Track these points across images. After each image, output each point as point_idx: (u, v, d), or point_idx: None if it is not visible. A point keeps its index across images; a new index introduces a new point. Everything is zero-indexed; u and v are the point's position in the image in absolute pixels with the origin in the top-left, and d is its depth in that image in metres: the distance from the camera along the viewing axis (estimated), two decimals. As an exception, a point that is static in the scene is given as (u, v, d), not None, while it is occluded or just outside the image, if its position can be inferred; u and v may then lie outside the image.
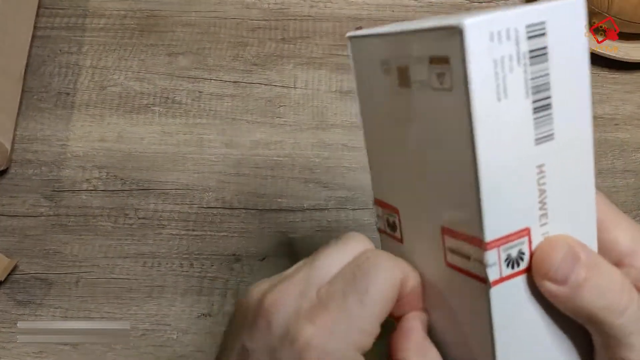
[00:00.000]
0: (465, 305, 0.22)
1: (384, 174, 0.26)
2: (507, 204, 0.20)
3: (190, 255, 0.46)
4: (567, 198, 0.21)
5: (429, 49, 0.20)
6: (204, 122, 0.51)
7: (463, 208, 0.20)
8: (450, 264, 0.22)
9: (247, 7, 0.57)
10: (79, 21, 0.56)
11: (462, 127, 0.19)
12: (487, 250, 0.20)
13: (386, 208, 0.26)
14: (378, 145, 0.25)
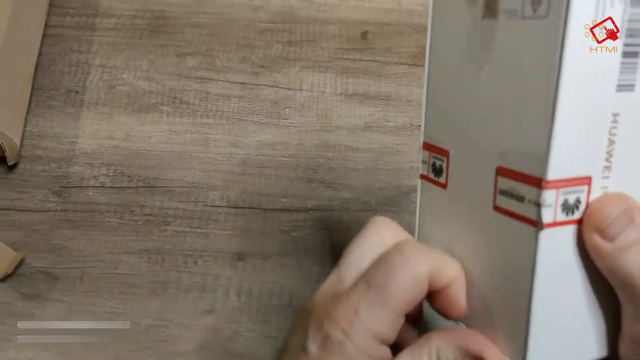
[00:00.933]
0: (510, 252, 0.21)
1: (440, 116, 0.25)
2: (577, 146, 0.19)
3: (194, 252, 0.47)
4: (633, 154, 0.21)
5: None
6: (210, 122, 0.52)
7: (530, 143, 0.20)
8: (499, 208, 0.22)
9: (255, 10, 0.58)
10: (89, 21, 0.57)
11: (550, 56, 0.19)
12: (545, 190, 0.19)
13: (435, 151, 0.25)
14: (442, 84, 0.25)
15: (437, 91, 0.26)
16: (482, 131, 0.22)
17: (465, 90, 0.23)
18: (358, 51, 0.56)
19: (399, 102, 0.53)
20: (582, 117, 0.19)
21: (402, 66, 0.55)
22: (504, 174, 0.21)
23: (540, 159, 0.19)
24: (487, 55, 0.22)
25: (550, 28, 0.19)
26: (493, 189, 0.22)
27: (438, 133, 0.25)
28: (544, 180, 0.19)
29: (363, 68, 0.55)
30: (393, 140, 0.51)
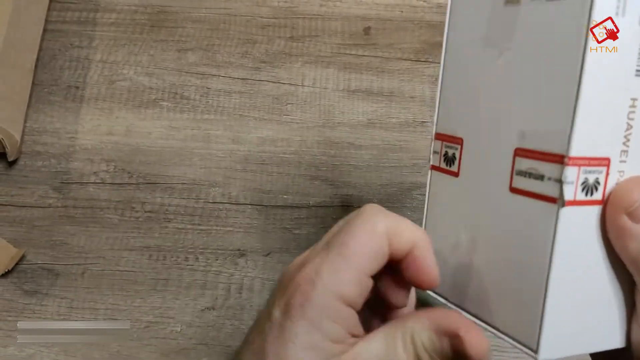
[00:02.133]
0: (527, 233, 0.21)
1: (454, 105, 0.26)
2: (597, 126, 0.20)
3: (195, 249, 0.46)
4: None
5: None
6: (211, 117, 0.52)
7: (553, 122, 0.20)
8: (516, 189, 0.22)
9: (257, 5, 0.57)
10: (90, 16, 0.57)
11: (576, 35, 0.19)
12: (568, 166, 0.20)
13: (448, 141, 0.26)
14: (458, 73, 0.26)
15: (453, 80, 0.26)
16: (499, 115, 0.23)
17: (483, 76, 0.24)
18: (360, 47, 0.55)
19: (401, 99, 0.53)
20: (604, 98, 0.20)
21: (405, 62, 0.55)
22: (523, 154, 0.22)
23: (563, 136, 0.20)
24: (508, 39, 0.22)
25: (575, 8, 0.19)
26: (510, 171, 0.22)
27: (452, 122, 0.26)
28: (566, 156, 0.20)
29: (366, 64, 0.54)
30: (396, 136, 0.51)
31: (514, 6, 0.22)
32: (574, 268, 0.21)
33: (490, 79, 0.23)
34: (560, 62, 0.20)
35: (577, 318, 0.22)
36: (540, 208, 0.21)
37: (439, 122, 0.27)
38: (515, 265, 0.22)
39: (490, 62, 0.23)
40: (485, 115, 0.24)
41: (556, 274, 0.21)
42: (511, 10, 0.22)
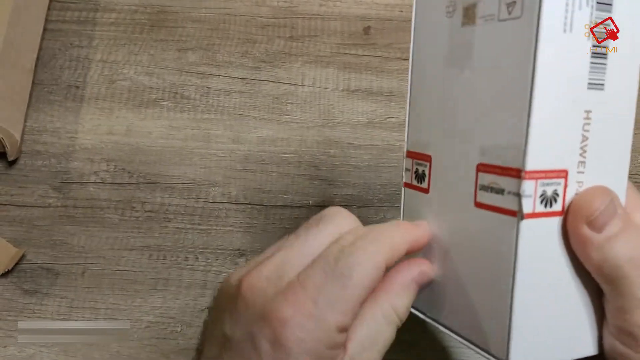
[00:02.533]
0: (491, 245, 0.22)
1: (422, 123, 0.27)
2: (552, 139, 0.21)
3: (195, 249, 0.47)
4: (605, 151, 0.22)
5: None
6: (211, 117, 0.52)
7: (509, 137, 0.21)
8: (480, 204, 0.23)
9: (257, 5, 0.57)
10: (90, 15, 0.57)
11: (526, 52, 0.20)
12: (525, 180, 0.20)
13: (418, 158, 0.27)
14: (424, 92, 0.27)
15: (420, 99, 0.27)
16: (463, 132, 0.24)
17: (447, 95, 0.25)
18: (360, 46, 0.55)
19: (401, 98, 0.53)
20: (557, 111, 0.21)
21: (405, 62, 0.55)
22: (485, 169, 0.22)
23: (519, 151, 0.20)
24: (466, 58, 0.23)
25: (524, 27, 0.20)
26: (474, 186, 0.23)
27: (421, 140, 0.27)
28: (522, 170, 0.20)
29: (365, 63, 0.54)
30: (395, 136, 0.51)
31: (470, 26, 0.23)
32: (539, 278, 0.22)
33: (453, 96, 0.24)
34: (513, 78, 0.21)
35: (547, 327, 0.22)
36: (502, 221, 0.21)
37: (409, 140, 0.28)
38: (482, 278, 0.23)
39: (452, 81, 0.24)
40: (450, 132, 0.24)
41: (521, 285, 0.21)
42: (468, 30, 0.23)
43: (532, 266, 0.21)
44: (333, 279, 0.21)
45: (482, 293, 0.23)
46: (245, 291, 0.22)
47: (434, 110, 0.26)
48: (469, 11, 0.23)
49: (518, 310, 0.21)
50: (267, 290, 0.22)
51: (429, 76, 0.26)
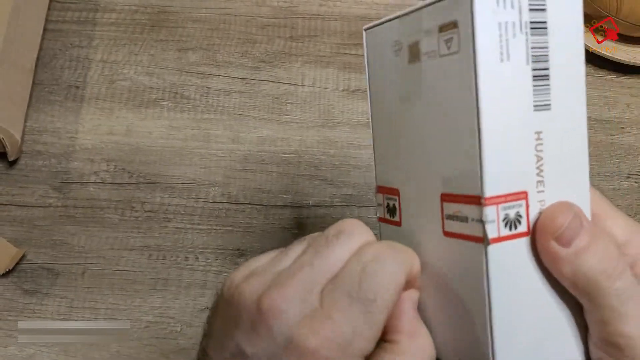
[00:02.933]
0: (463, 273, 0.22)
1: (387, 158, 0.27)
2: (507, 163, 0.21)
3: (195, 249, 0.47)
4: (562, 167, 0.23)
5: (439, 19, 0.22)
6: (211, 117, 0.52)
7: (465, 166, 0.22)
8: (448, 233, 0.23)
9: (257, 5, 0.57)
10: (90, 15, 0.57)
11: (467, 84, 0.21)
12: (486, 206, 0.21)
13: (387, 193, 0.27)
14: (384, 128, 0.27)
15: (380, 134, 0.27)
16: (424, 164, 0.24)
17: (406, 129, 0.25)
18: (360, 46, 0.55)
19: (401, 98, 0.53)
20: (507, 136, 0.21)
21: (405, 62, 0.55)
22: (448, 199, 0.23)
23: (476, 179, 0.21)
24: (417, 93, 0.24)
25: (464, 59, 0.21)
26: (440, 216, 0.23)
27: (388, 175, 0.27)
28: (482, 197, 0.21)
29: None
30: (395, 136, 0.51)
31: (417, 63, 0.24)
32: (515, 301, 0.22)
33: (410, 130, 0.25)
34: (460, 110, 0.22)
35: (531, 348, 0.22)
36: (470, 248, 0.22)
37: (378, 175, 0.28)
38: (460, 305, 0.23)
39: (407, 115, 0.25)
40: (412, 165, 0.25)
41: (498, 308, 0.21)
42: (415, 67, 0.24)
43: (506, 289, 0.22)
44: (358, 304, 0.21)
45: (461, 322, 0.23)
46: (268, 313, 0.22)
47: (394, 146, 0.26)
48: (413, 49, 0.24)
49: (499, 335, 0.22)
50: (290, 314, 0.21)
51: (386, 112, 0.27)
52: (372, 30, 0.27)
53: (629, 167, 0.50)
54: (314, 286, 0.22)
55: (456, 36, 0.21)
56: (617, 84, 0.53)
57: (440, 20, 0.22)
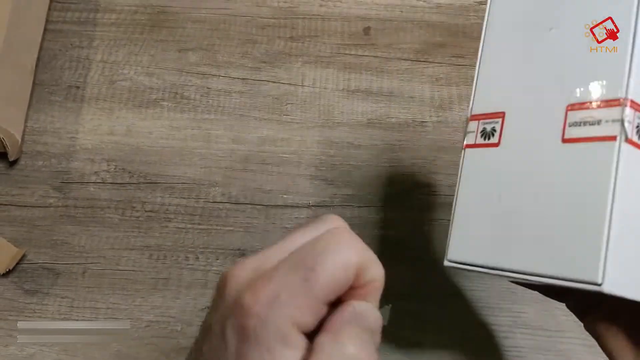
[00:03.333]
0: (586, 174, 0.23)
1: (496, 82, 0.29)
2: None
3: (195, 248, 0.47)
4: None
5: None
6: (211, 117, 0.52)
7: (604, 75, 0.24)
8: (569, 139, 0.24)
9: (257, 5, 0.58)
10: (90, 16, 0.57)
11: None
12: (627, 107, 0.23)
13: (486, 118, 0.29)
14: (502, 53, 0.29)
15: (494, 61, 0.29)
16: (548, 82, 0.26)
17: (530, 53, 0.27)
18: (360, 47, 0.56)
19: (401, 99, 0.53)
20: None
21: (405, 62, 0.55)
22: (577, 107, 0.24)
23: (622, 83, 0.23)
24: (557, 21, 0.27)
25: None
26: (562, 126, 0.24)
27: (492, 100, 0.29)
28: (626, 99, 0.23)
29: (365, 64, 0.55)
30: (395, 136, 0.51)
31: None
32: (635, 204, 0.22)
33: (538, 54, 0.27)
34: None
35: (636, 263, 0.23)
36: (600, 148, 0.23)
37: (474, 105, 0.30)
38: (573, 209, 0.23)
39: (537, 40, 0.27)
40: (533, 84, 0.27)
41: (619, 207, 0.22)
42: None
43: (629, 192, 0.22)
44: (298, 270, 0.21)
45: (571, 226, 0.23)
46: (226, 281, 0.22)
47: (512, 70, 0.28)
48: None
49: (615, 232, 0.22)
50: (241, 278, 0.22)
51: (507, 41, 0.29)
52: None
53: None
54: (273, 259, 0.22)
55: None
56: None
57: None
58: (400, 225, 0.47)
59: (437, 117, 0.52)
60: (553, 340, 0.43)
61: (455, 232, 0.29)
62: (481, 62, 0.30)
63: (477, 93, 0.30)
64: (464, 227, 0.28)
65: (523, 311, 0.45)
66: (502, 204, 0.26)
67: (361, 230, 0.47)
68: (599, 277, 0.22)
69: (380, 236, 0.47)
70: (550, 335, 0.44)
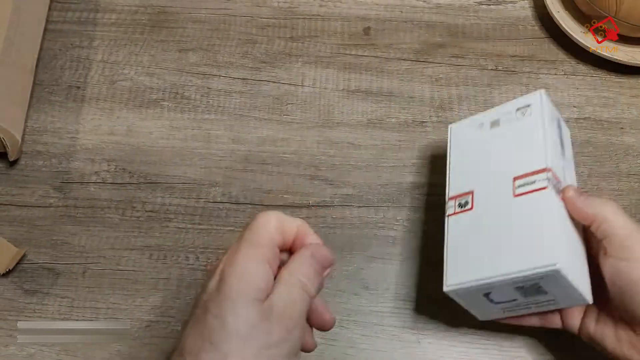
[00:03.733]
0: (533, 210, 0.36)
1: (464, 174, 0.41)
2: (554, 157, 0.38)
3: (195, 248, 0.47)
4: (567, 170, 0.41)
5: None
6: (212, 117, 0.52)
7: (533, 159, 0.37)
8: (518, 194, 0.37)
9: (257, 5, 0.58)
10: (90, 16, 0.57)
11: (537, 129, 0.39)
12: (548, 172, 0.36)
13: (460, 196, 0.40)
14: (463, 155, 0.42)
15: (460, 161, 0.42)
16: (499, 167, 0.39)
17: (482, 149, 0.41)
18: (360, 47, 0.56)
19: (401, 99, 0.53)
20: (552, 149, 0.39)
21: (405, 62, 0.55)
22: (520, 177, 0.37)
23: (542, 161, 0.37)
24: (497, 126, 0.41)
25: (532, 129, 0.40)
26: (512, 188, 0.37)
27: (462, 185, 0.40)
28: (546, 168, 0.37)
29: (365, 64, 0.55)
30: (395, 136, 0.51)
31: (496, 126, 0.41)
32: (564, 221, 0.36)
33: (488, 150, 0.41)
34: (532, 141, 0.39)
35: (573, 259, 0.35)
36: (539, 194, 0.36)
37: (450, 190, 0.41)
38: (529, 228, 0.35)
39: (487, 139, 0.41)
40: (488, 170, 0.40)
41: (557, 220, 0.35)
42: (495, 130, 0.41)
43: (560, 217, 0.36)
44: (244, 236, 0.30)
45: (531, 237, 0.35)
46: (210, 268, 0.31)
47: (473, 163, 0.41)
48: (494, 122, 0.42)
49: (558, 237, 0.34)
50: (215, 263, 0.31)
51: (466, 141, 0.42)
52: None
53: (628, 167, 0.50)
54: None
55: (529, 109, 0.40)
56: (617, 84, 0.54)
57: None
58: (400, 225, 0.47)
59: (437, 117, 0.52)
60: (553, 341, 0.43)
61: (449, 265, 0.38)
62: (451, 159, 0.42)
63: (451, 182, 0.41)
64: (454, 261, 0.38)
65: (523, 311, 0.45)
66: (484, 242, 0.37)
67: (361, 230, 0.47)
68: (555, 260, 0.33)
69: (380, 236, 0.47)
70: (551, 335, 0.44)
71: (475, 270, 0.36)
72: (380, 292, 0.45)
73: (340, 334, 0.43)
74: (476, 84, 0.54)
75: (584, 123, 0.52)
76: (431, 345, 0.43)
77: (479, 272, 0.36)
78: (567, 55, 0.55)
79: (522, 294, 0.36)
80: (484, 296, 0.37)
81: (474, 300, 0.38)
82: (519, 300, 0.37)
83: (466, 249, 0.37)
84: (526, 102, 0.40)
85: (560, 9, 0.55)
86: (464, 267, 0.37)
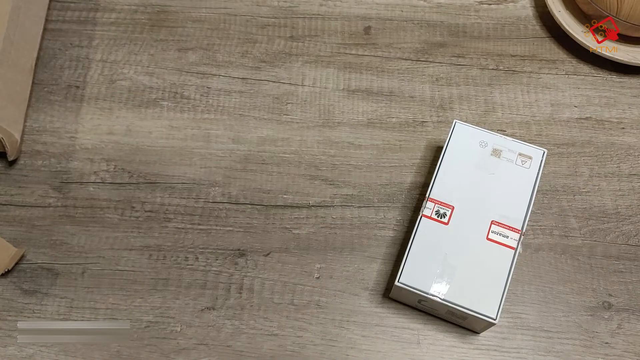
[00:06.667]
0: (496, 260, 0.41)
1: (447, 187, 0.43)
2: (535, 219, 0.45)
3: (195, 249, 0.46)
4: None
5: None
6: (211, 117, 0.52)
7: (513, 214, 0.42)
8: (491, 239, 0.42)
9: (257, 5, 0.57)
10: (90, 15, 0.57)
11: (529, 183, 0.44)
12: (523, 235, 0.41)
13: (441, 204, 0.43)
14: (451, 178, 0.44)
15: (452, 163, 0.44)
16: (483, 205, 0.43)
17: (477, 173, 0.44)
18: (361, 46, 0.55)
19: (401, 98, 0.53)
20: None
21: (405, 62, 0.55)
22: (496, 224, 0.42)
23: (520, 221, 0.42)
24: (493, 169, 0.44)
25: (530, 174, 0.45)
26: (487, 230, 0.42)
27: (445, 194, 0.43)
28: (521, 231, 0.42)
29: (366, 63, 0.54)
30: (395, 136, 0.51)
31: (496, 157, 0.45)
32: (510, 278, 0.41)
33: (481, 177, 0.44)
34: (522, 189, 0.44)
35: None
36: (506, 251, 0.41)
37: (433, 192, 0.43)
38: (488, 273, 0.41)
39: (483, 165, 0.44)
40: (475, 197, 0.43)
41: (510, 279, 0.41)
42: (494, 159, 0.45)
43: (511, 275, 0.41)
44: None
45: (486, 280, 0.40)
46: None
47: (459, 187, 0.43)
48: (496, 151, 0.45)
49: (506, 292, 0.40)
50: None
51: (456, 175, 0.44)
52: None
53: (630, 167, 0.50)
54: None
55: (529, 161, 0.44)
56: (618, 84, 0.53)
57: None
58: (400, 225, 0.47)
59: (437, 117, 0.52)
60: (553, 341, 0.43)
61: (407, 265, 0.41)
62: (443, 163, 0.44)
63: (435, 184, 0.43)
64: (414, 264, 0.41)
65: (523, 312, 0.45)
66: (445, 260, 0.41)
67: (361, 231, 0.47)
68: (495, 315, 0.39)
69: (380, 236, 0.47)
70: (551, 336, 0.44)
71: (428, 282, 0.40)
72: (381, 292, 0.45)
73: (340, 334, 0.43)
74: (477, 84, 0.53)
75: (585, 123, 0.52)
76: (431, 346, 0.43)
77: (430, 285, 0.40)
78: (568, 54, 0.55)
79: (448, 312, 0.41)
80: (418, 299, 0.42)
81: (407, 295, 0.42)
82: (440, 311, 0.42)
83: (428, 259, 0.41)
84: (529, 152, 0.44)
85: (562, 9, 0.54)
86: (420, 273, 0.40)
